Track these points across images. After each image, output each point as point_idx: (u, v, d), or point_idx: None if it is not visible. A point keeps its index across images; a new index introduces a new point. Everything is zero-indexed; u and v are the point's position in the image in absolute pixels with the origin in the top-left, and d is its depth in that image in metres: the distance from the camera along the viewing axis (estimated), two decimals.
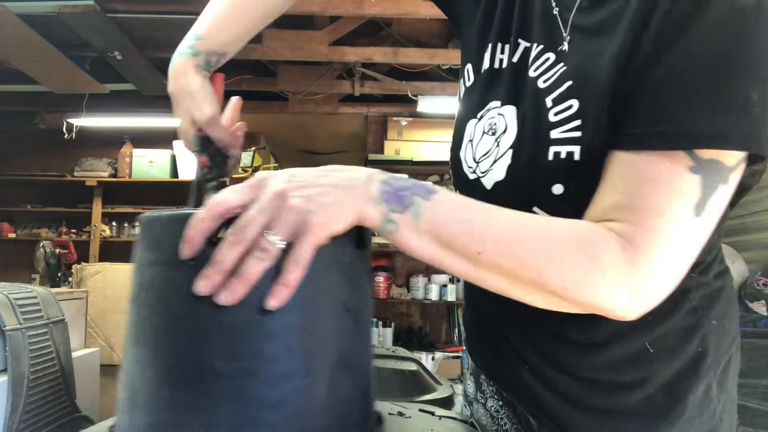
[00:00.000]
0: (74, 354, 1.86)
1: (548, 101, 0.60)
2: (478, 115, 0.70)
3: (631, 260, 0.50)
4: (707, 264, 0.65)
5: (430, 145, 4.68)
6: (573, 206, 0.56)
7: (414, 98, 4.33)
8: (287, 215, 0.44)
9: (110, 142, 5.02)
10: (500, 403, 0.76)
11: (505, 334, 0.72)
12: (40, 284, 3.35)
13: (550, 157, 0.58)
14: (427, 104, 4.37)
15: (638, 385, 0.64)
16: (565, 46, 0.61)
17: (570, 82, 0.58)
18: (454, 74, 4.15)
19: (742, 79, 0.49)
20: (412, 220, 0.48)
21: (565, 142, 0.57)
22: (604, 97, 0.54)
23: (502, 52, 0.69)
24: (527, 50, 0.65)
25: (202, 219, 0.44)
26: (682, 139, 0.49)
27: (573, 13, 0.61)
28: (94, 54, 3.45)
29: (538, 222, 0.54)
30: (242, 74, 4.14)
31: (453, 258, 0.50)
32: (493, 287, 0.53)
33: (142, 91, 4.06)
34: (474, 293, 0.81)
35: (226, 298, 0.43)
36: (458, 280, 4.53)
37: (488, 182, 0.66)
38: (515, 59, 0.67)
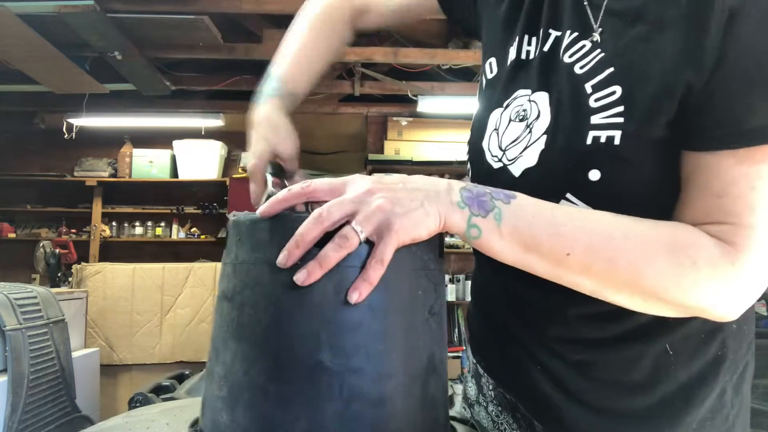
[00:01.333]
0: (74, 354, 1.87)
1: (588, 87, 0.59)
2: (504, 104, 0.69)
3: (732, 260, 0.50)
4: None
5: (430, 145, 4.68)
6: (609, 194, 0.56)
7: (414, 98, 4.33)
8: (373, 212, 0.46)
9: (110, 142, 5.02)
10: (499, 408, 0.76)
11: (515, 334, 0.71)
12: (40, 284, 3.36)
13: (589, 141, 0.57)
14: (427, 104, 4.37)
15: (654, 387, 0.62)
16: (596, 37, 0.60)
17: (612, 69, 0.57)
18: (454, 74, 4.15)
19: None
20: (495, 224, 0.50)
21: (606, 128, 0.56)
22: (653, 86, 0.54)
23: (529, 44, 0.68)
24: (559, 39, 0.64)
25: (308, 231, 0.46)
26: (766, 134, 0.49)
27: (606, 0, 0.60)
28: (94, 54, 3.45)
29: (627, 222, 0.53)
30: (242, 74, 4.14)
31: (540, 261, 0.51)
32: (584, 289, 0.53)
33: (142, 91, 4.06)
34: (482, 294, 0.81)
35: (300, 276, 0.45)
36: (458, 281, 4.53)
37: (517, 169, 0.65)
38: (546, 48, 0.66)
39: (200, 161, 4.94)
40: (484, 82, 0.75)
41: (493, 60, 0.74)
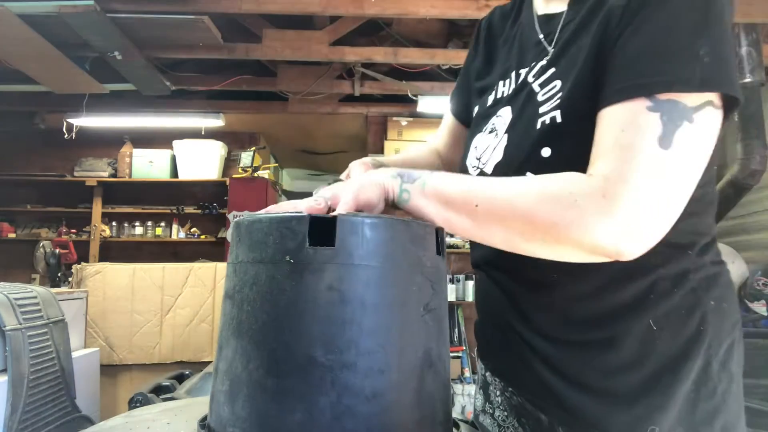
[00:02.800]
0: (74, 354, 1.87)
1: (536, 86, 0.71)
2: (483, 129, 0.80)
3: (604, 192, 0.55)
4: (702, 246, 0.69)
5: None
6: (561, 167, 0.62)
7: (414, 98, 4.33)
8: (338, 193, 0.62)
9: (110, 142, 5.02)
10: (506, 413, 0.78)
11: (512, 325, 0.75)
12: (40, 284, 3.36)
13: (538, 126, 0.68)
14: (427, 104, 4.37)
15: (643, 364, 0.66)
16: (545, 62, 0.72)
17: (553, 69, 0.70)
18: (454, 74, 4.15)
19: (693, 35, 0.57)
20: (420, 188, 0.63)
21: (549, 111, 0.67)
22: (577, 68, 0.65)
23: (504, 86, 0.80)
24: (528, 72, 0.75)
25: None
26: (639, 88, 0.57)
27: (558, 30, 0.72)
28: (94, 54, 3.45)
29: (528, 179, 0.63)
30: (242, 74, 4.14)
31: (457, 216, 0.62)
32: (497, 241, 0.62)
33: (142, 91, 4.06)
34: (480, 297, 0.85)
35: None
36: (458, 281, 4.53)
37: (489, 168, 0.75)
38: (518, 83, 0.77)
39: (200, 161, 4.94)
40: (474, 121, 0.86)
41: (476, 108, 0.87)
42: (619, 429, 0.66)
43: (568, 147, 0.65)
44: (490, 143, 0.76)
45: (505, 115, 0.76)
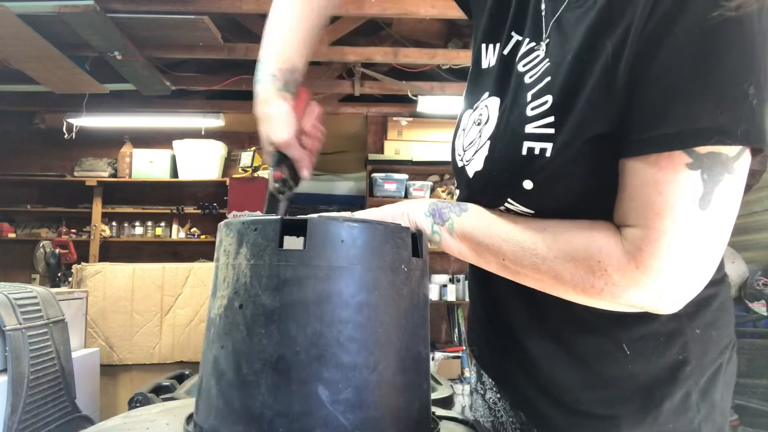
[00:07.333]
0: (74, 354, 1.86)
1: (528, 96, 0.61)
2: (474, 106, 0.73)
3: (638, 263, 0.52)
4: None
5: (430, 145, 4.68)
6: (543, 201, 0.59)
7: (414, 98, 4.33)
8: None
9: (110, 142, 5.02)
10: (498, 395, 0.78)
11: (493, 326, 0.76)
12: (40, 284, 3.35)
13: (524, 152, 0.59)
14: (426, 104, 4.37)
15: (613, 384, 0.64)
16: (543, 46, 0.62)
17: (548, 78, 0.59)
18: (454, 74, 4.15)
19: (733, 74, 0.49)
20: (449, 231, 0.65)
21: (539, 138, 0.58)
22: (581, 99, 0.55)
23: (495, 47, 0.71)
24: (518, 44, 0.67)
25: None
26: (677, 139, 0.50)
27: (562, 8, 0.61)
28: (94, 54, 3.45)
29: (553, 228, 0.59)
30: (242, 74, 4.14)
31: (487, 261, 0.63)
32: (527, 284, 0.62)
33: (142, 91, 4.06)
34: (473, 290, 0.84)
35: None
36: (458, 281, 4.53)
37: (471, 171, 0.69)
38: (506, 51, 0.68)
39: (200, 161, 4.94)
40: (469, 77, 0.77)
41: (472, 60, 0.76)
42: None
43: (553, 184, 0.58)
44: (474, 140, 0.70)
45: (492, 109, 0.67)
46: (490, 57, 0.72)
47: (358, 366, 0.50)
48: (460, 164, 0.73)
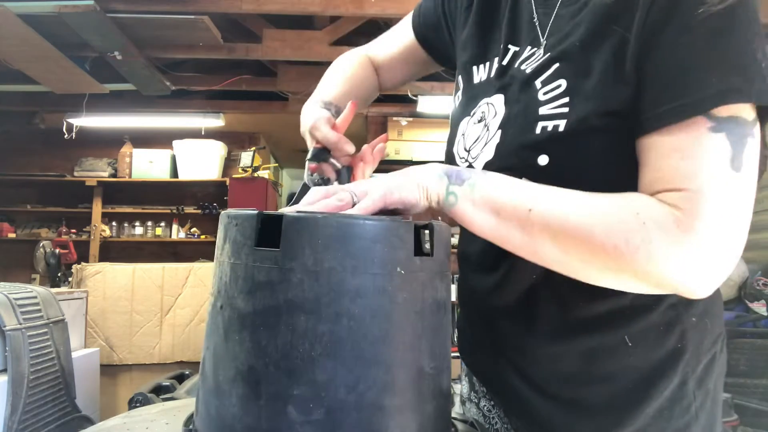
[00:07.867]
0: (74, 354, 1.86)
1: (538, 83, 0.63)
2: (471, 113, 0.74)
3: (678, 222, 0.50)
4: None
5: (430, 145, 4.68)
6: (558, 177, 0.58)
7: (414, 98, 4.33)
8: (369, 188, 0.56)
9: (110, 142, 5.02)
10: (492, 402, 0.78)
11: (485, 328, 0.75)
12: (40, 284, 3.35)
13: (538, 131, 0.61)
14: (426, 104, 4.37)
15: (613, 377, 0.64)
16: (542, 46, 0.66)
17: (557, 65, 0.62)
18: (454, 74, 4.15)
19: (740, 44, 0.51)
20: (469, 191, 0.57)
21: (552, 118, 0.60)
22: (593, 79, 0.58)
23: (486, 65, 0.74)
24: (517, 53, 0.70)
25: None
26: (693, 106, 0.51)
27: (557, 7, 0.66)
28: (94, 54, 3.45)
29: (582, 193, 0.55)
30: (242, 74, 4.13)
31: (506, 227, 0.55)
32: (548, 257, 0.55)
33: (142, 91, 4.05)
34: (463, 293, 0.85)
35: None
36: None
37: (479, 165, 0.69)
38: (505, 62, 0.71)
39: (200, 161, 4.94)
40: (458, 98, 0.79)
41: (460, 77, 0.79)
42: None
43: (568, 157, 0.59)
44: (480, 135, 0.70)
45: (497, 104, 0.69)
46: (482, 73, 0.74)
47: (333, 384, 0.45)
48: (464, 165, 0.72)
